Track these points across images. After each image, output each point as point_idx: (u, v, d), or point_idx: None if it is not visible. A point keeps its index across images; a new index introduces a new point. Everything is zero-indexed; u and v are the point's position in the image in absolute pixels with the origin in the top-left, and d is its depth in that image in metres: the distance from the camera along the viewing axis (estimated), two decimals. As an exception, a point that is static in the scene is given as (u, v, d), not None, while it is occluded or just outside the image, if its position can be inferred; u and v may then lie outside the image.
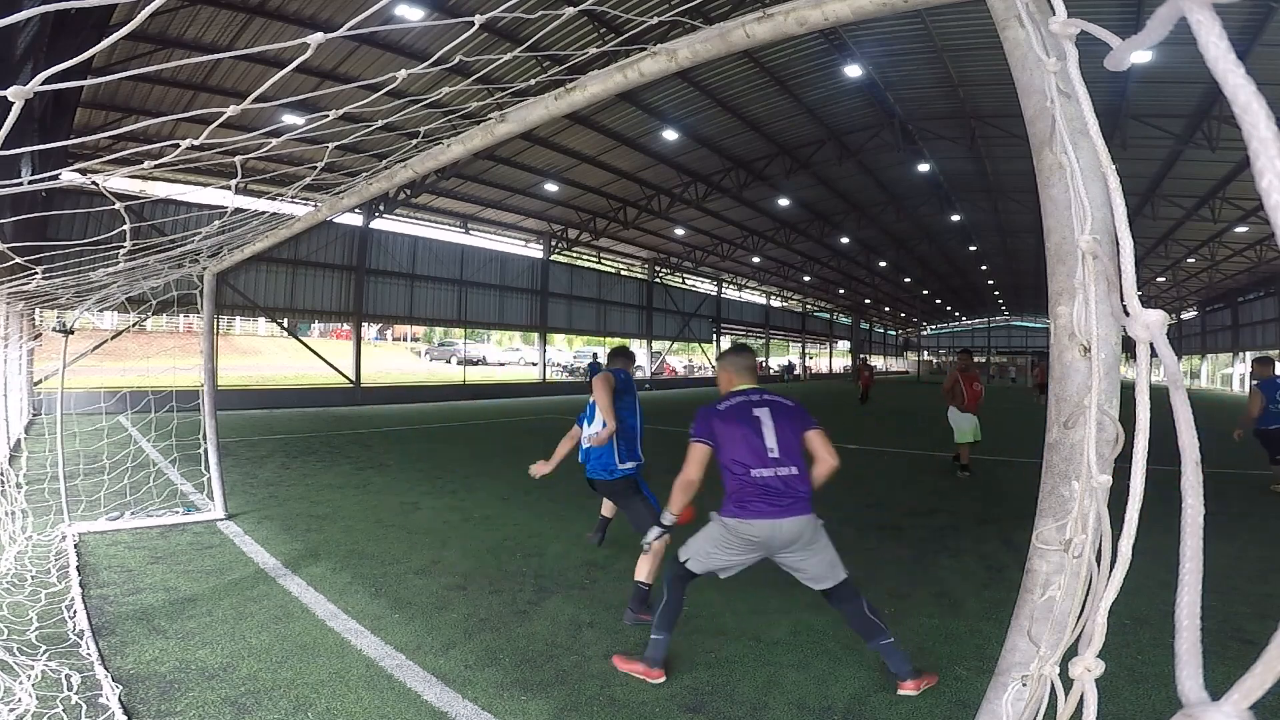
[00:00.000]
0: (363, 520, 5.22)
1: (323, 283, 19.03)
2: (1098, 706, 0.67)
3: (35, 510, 4.92)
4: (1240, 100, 0.40)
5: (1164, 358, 0.57)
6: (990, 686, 0.95)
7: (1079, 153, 0.90)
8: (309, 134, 2.23)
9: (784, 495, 2.59)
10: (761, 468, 2.59)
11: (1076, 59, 0.80)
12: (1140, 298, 0.64)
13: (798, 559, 2.65)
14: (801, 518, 2.60)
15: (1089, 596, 0.75)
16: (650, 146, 17.68)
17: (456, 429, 12.64)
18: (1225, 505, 6.08)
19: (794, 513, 2.58)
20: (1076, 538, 0.87)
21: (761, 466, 2.59)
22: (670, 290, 32.91)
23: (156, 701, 2.42)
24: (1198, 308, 40.73)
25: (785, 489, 2.58)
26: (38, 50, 6.07)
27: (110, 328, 18.11)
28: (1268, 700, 2.46)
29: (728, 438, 2.66)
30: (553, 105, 1.95)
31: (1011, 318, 61.64)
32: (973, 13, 10.84)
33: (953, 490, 6.92)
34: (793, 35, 1.45)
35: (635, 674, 2.67)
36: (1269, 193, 0.38)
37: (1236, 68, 0.41)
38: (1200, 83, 12.64)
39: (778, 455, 2.62)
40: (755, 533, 2.57)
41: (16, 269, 3.60)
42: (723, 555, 2.69)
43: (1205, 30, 0.42)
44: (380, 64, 11.80)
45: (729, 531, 2.63)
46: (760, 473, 2.59)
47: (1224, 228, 21.92)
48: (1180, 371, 0.54)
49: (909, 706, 2.50)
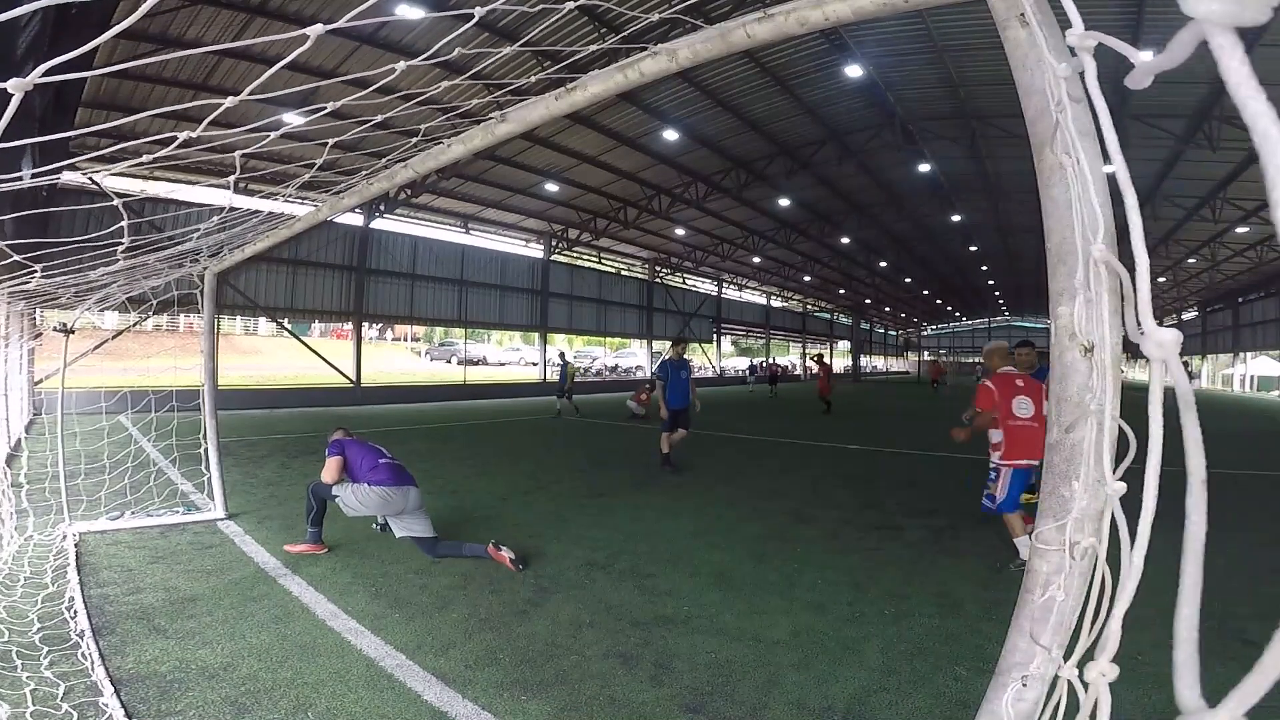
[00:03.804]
0: (363, 520, 5.22)
1: (323, 282, 19.04)
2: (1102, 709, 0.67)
3: (36, 510, 4.93)
4: (1260, 128, 0.40)
5: (1176, 378, 0.57)
6: (990, 686, 0.95)
7: (1090, 159, 0.90)
8: (309, 133, 2.23)
9: None
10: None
11: (1094, 70, 0.79)
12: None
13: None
14: None
15: (1100, 600, 0.75)
16: (651, 146, 17.68)
17: (457, 429, 12.64)
18: (1226, 505, 6.07)
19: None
20: (1085, 540, 0.87)
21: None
22: (670, 290, 32.91)
23: (156, 701, 2.42)
24: (1198, 308, 40.72)
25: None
26: (39, 49, 6.07)
27: (111, 327, 18.13)
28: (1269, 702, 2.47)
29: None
30: (553, 105, 1.95)
31: (1012, 318, 61.66)
32: (973, 13, 10.84)
33: (953, 490, 6.92)
34: (793, 35, 1.45)
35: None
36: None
37: (1258, 94, 0.40)
38: (1201, 83, 12.64)
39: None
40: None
41: (16, 267, 3.60)
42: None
43: (1227, 55, 0.42)
44: (381, 64, 11.78)
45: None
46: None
47: (1224, 228, 21.92)
48: (1192, 392, 0.55)
49: (909, 706, 2.49)
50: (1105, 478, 0.74)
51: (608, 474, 6.33)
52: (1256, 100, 0.40)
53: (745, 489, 6.82)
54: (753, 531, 5.08)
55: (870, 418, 16.59)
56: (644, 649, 2.97)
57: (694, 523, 5.34)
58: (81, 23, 6.65)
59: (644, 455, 9.14)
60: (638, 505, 5.93)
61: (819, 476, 7.59)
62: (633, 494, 6.42)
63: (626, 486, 6.81)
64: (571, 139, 16.91)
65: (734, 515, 5.61)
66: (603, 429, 12.94)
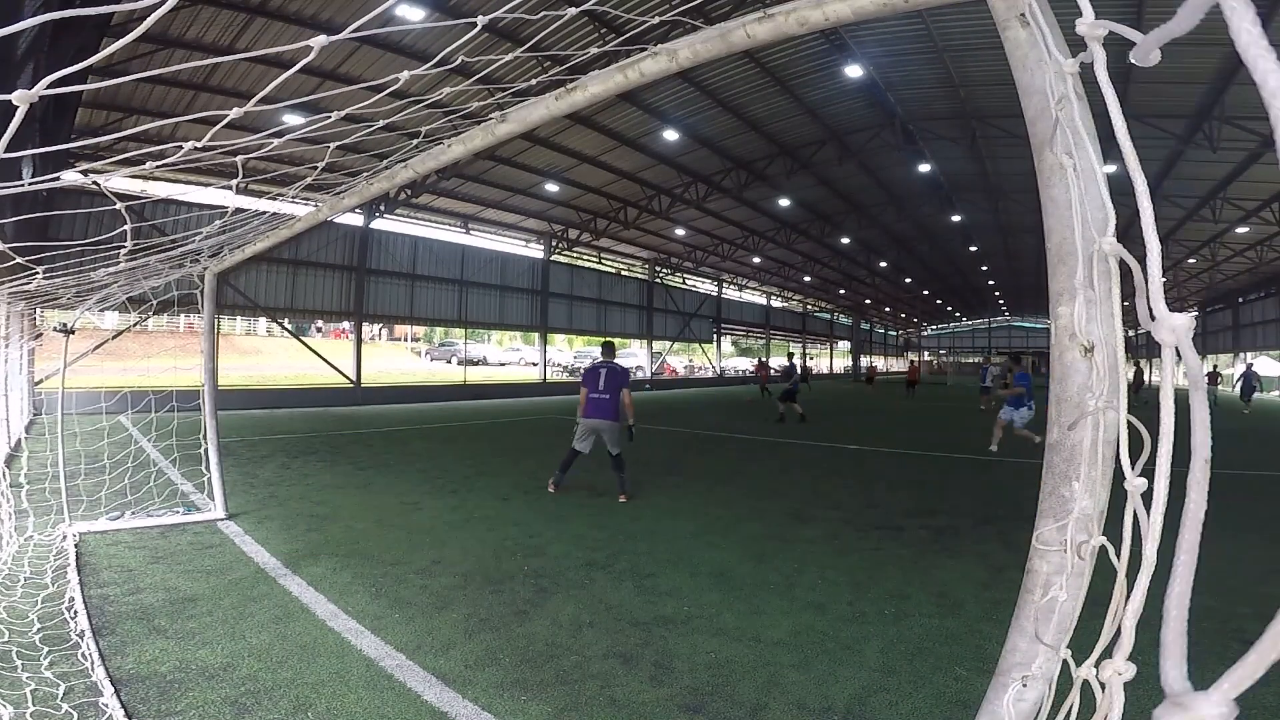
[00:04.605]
0: (363, 520, 5.23)
1: (323, 283, 19.03)
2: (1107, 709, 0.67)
3: (36, 510, 4.93)
4: (1270, 85, 0.40)
5: (1188, 361, 0.58)
6: (990, 687, 0.95)
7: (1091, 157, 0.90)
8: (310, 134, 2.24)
9: None
10: None
11: (1104, 60, 0.79)
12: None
13: None
14: None
15: (1114, 598, 0.75)
16: (651, 146, 17.68)
17: (457, 429, 12.64)
18: (1227, 505, 6.07)
19: None
20: (1094, 539, 0.87)
21: None
22: (671, 290, 32.91)
23: (156, 701, 2.42)
24: (1198, 308, 40.71)
25: None
26: (39, 50, 6.07)
27: (111, 327, 18.13)
28: (1269, 701, 2.47)
29: None
30: (553, 105, 1.95)
31: (1012, 318, 61.66)
32: (973, 13, 10.85)
33: (953, 490, 6.92)
34: (793, 35, 1.45)
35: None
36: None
37: (1268, 53, 0.41)
38: (1201, 83, 12.64)
39: None
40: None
41: (17, 269, 3.61)
42: None
43: (1238, 16, 0.42)
44: (381, 64, 11.80)
45: None
46: None
47: (1224, 228, 21.91)
48: (1202, 374, 0.56)
49: (909, 706, 2.50)
50: (1125, 474, 0.74)
51: (608, 474, 6.33)
52: (1266, 59, 0.40)
53: (745, 489, 6.82)
54: (753, 531, 5.09)
55: (853, 418, 16.60)
56: (644, 649, 2.97)
57: (694, 523, 5.34)
58: (82, 23, 6.65)
59: (644, 456, 9.14)
60: (638, 505, 5.93)
61: (819, 476, 7.59)
62: (633, 494, 6.42)
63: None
64: (572, 139, 16.90)
65: (734, 515, 5.61)
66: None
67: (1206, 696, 0.41)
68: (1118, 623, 0.70)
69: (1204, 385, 0.58)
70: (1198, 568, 0.52)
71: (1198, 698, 0.42)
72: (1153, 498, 0.65)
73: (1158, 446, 0.66)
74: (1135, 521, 0.71)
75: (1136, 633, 0.68)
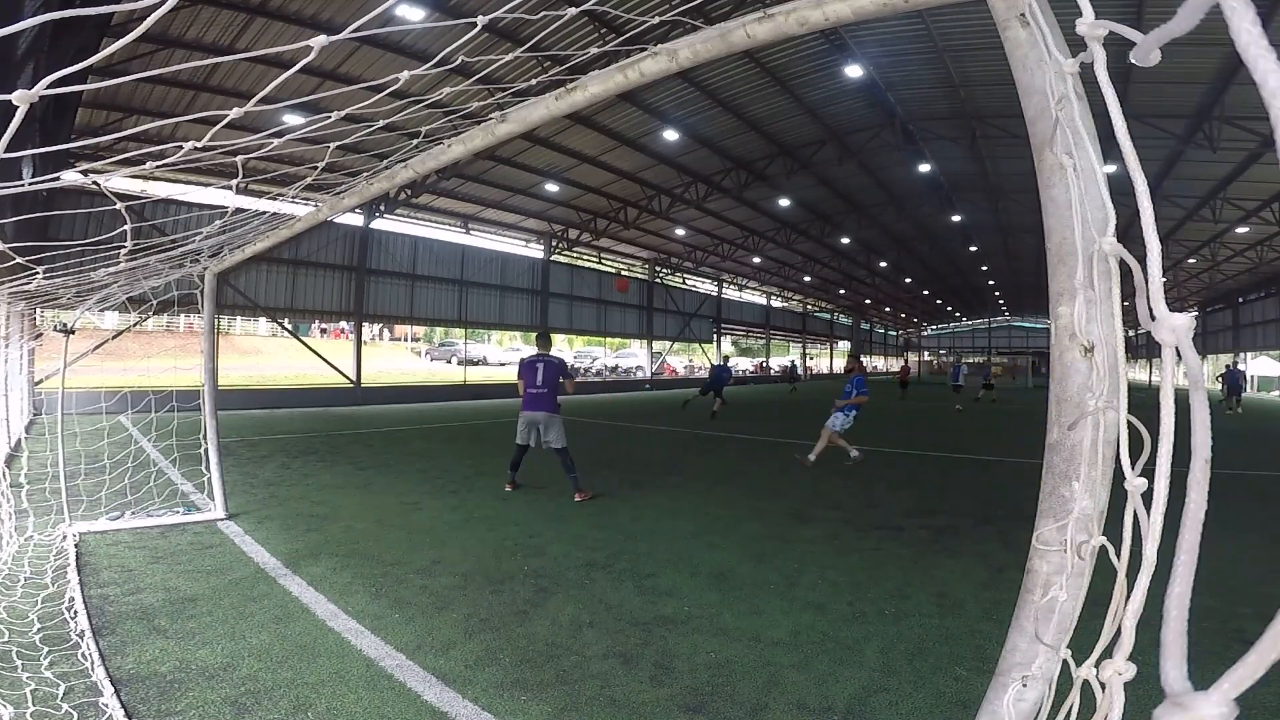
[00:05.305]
0: (363, 520, 5.23)
1: (323, 283, 19.04)
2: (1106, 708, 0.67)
3: (36, 510, 4.93)
4: (1270, 85, 0.40)
5: (1188, 361, 0.58)
6: (990, 687, 0.95)
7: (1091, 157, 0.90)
8: (310, 134, 2.24)
9: None
10: None
11: (1104, 59, 0.79)
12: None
13: None
14: None
15: (1114, 598, 0.75)
16: (651, 146, 17.68)
17: (457, 429, 12.64)
18: (1227, 505, 6.07)
19: None
20: (1094, 539, 0.87)
21: None
22: (671, 290, 32.92)
23: (156, 701, 2.42)
24: (1198, 308, 40.70)
25: None
26: (39, 50, 6.07)
27: (111, 327, 18.14)
28: (1269, 701, 2.46)
29: None
30: (553, 105, 1.95)
31: (1012, 318, 61.64)
32: (973, 13, 10.85)
33: (953, 490, 6.92)
34: (793, 35, 1.45)
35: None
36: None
37: (1268, 53, 0.41)
38: (1201, 83, 12.64)
39: None
40: None
41: (17, 269, 3.61)
42: None
43: (1238, 16, 0.42)
44: (381, 64, 11.80)
45: None
46: None
47: (1224, 228, 21.91)
48: (1203, 373, 0.55)
49: (909, 706, 2.49)
50: (1125, 474, 0.74)
51: (608, 474, 6.34)
52: (1266, 59, 0.40)
53: (745, 489, 6.82)
54: (753, 531, 5.08)
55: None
56: (644, 649, 2.97)
57: (694, 523, 5.34)
58: (82, 23, 6.65)
59: (643, 456, 9.14)
60: (638, 505, 5.94)
61: (819, 476, 7.59)
62: (633, 494, 6.42)
63: (626, 486, 6.81)
64: (572, 139, 16.91)
65: (734, 515, 5.61)
66: (603, 429, 12.94)
67: (1206, 696, 0.41)
68: (1118, 623, 0.70)
69: (1204, 384, 0.58)
70: (1198, 568, 0.52)
71: (1198, 698, 0.42)
72: (1153, 498, 0.65)
73: (1158, 446, 0.66)
74: (1135, 521, 0.71)
75: (1136, 633, 0.68)
